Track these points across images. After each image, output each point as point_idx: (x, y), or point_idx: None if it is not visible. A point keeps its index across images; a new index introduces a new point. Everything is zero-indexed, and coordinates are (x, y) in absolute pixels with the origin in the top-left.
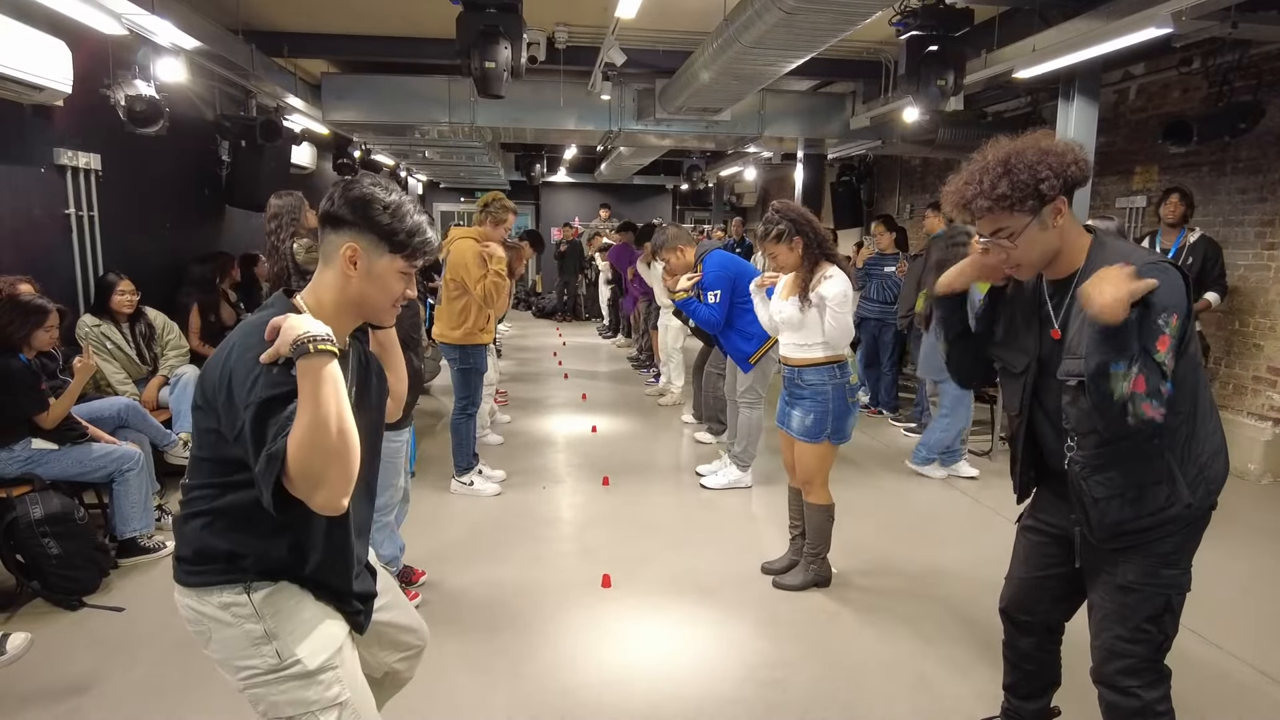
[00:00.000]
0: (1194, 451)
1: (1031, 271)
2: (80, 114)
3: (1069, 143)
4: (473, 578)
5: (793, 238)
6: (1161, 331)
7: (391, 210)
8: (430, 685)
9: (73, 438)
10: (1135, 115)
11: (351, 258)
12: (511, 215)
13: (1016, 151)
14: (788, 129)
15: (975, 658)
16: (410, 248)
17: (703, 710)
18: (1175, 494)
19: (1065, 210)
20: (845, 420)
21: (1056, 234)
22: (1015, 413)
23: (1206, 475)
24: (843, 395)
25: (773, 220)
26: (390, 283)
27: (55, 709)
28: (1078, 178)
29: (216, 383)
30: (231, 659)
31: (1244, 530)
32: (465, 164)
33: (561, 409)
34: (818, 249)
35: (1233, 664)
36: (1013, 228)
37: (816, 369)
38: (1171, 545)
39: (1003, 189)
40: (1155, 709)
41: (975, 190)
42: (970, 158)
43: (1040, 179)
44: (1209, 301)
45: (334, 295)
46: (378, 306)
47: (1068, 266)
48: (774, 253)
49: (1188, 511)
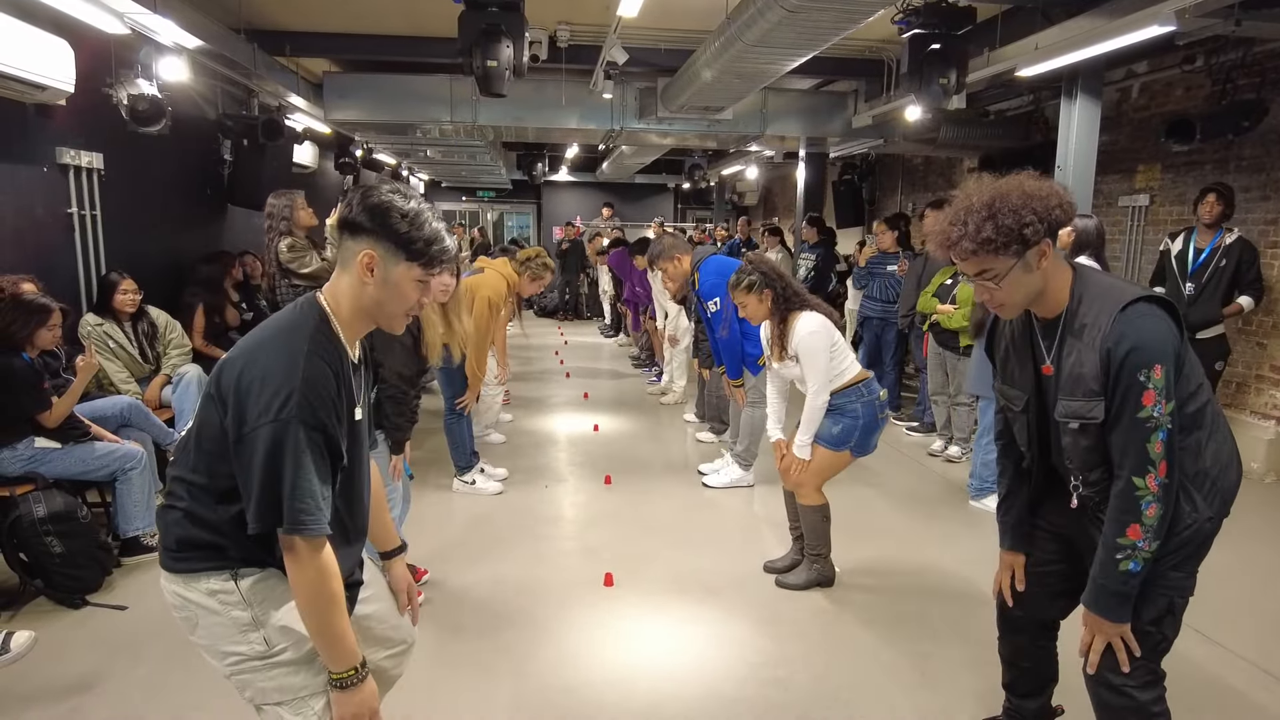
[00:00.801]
0: (1202, 466)
1: (1016, 311)
2: (83, 113)
3: (1053, 184)
4: (475, 576)
5: (762, 290)
6: (1145, 388)
7: (410, 218)
8: (432, 683)
9: (75, 436)
10: (1138, 114)
11: (369, 264)
12: (549, 274)
13: (1001, 194)
14: (790, 128)
15: (977, 657)
16: (427, 256)
17: (705, 709)
18: (1195, 510)
19: (1049, 252)
20: (871, 435)
21: (1040, 275)
22: (1026, 447)
23: (1220, 487)
24: (873, 411)
25: (745, 271)
26: (406, 290)
27: (58, 708)
28: (1062, 220)
29: (238, 378)
30: (218, 645)
31: (1247, 529)
32: (467, 163)
33: (563, 408)
34: (784, 302)
35: (1235, 662)
36: (997, 270)
37: (843, 392)
38: (1181, 552)
39: (987, 233)
40: (1150, 709)
41: (960, 233)
42: (954, 195)
43: (1025, 224)
44: (1241, 305)
45: (350, 300)
46: (392, 313)
47: (1055, 305)
48: (743, 302)
49: (1209, 525)
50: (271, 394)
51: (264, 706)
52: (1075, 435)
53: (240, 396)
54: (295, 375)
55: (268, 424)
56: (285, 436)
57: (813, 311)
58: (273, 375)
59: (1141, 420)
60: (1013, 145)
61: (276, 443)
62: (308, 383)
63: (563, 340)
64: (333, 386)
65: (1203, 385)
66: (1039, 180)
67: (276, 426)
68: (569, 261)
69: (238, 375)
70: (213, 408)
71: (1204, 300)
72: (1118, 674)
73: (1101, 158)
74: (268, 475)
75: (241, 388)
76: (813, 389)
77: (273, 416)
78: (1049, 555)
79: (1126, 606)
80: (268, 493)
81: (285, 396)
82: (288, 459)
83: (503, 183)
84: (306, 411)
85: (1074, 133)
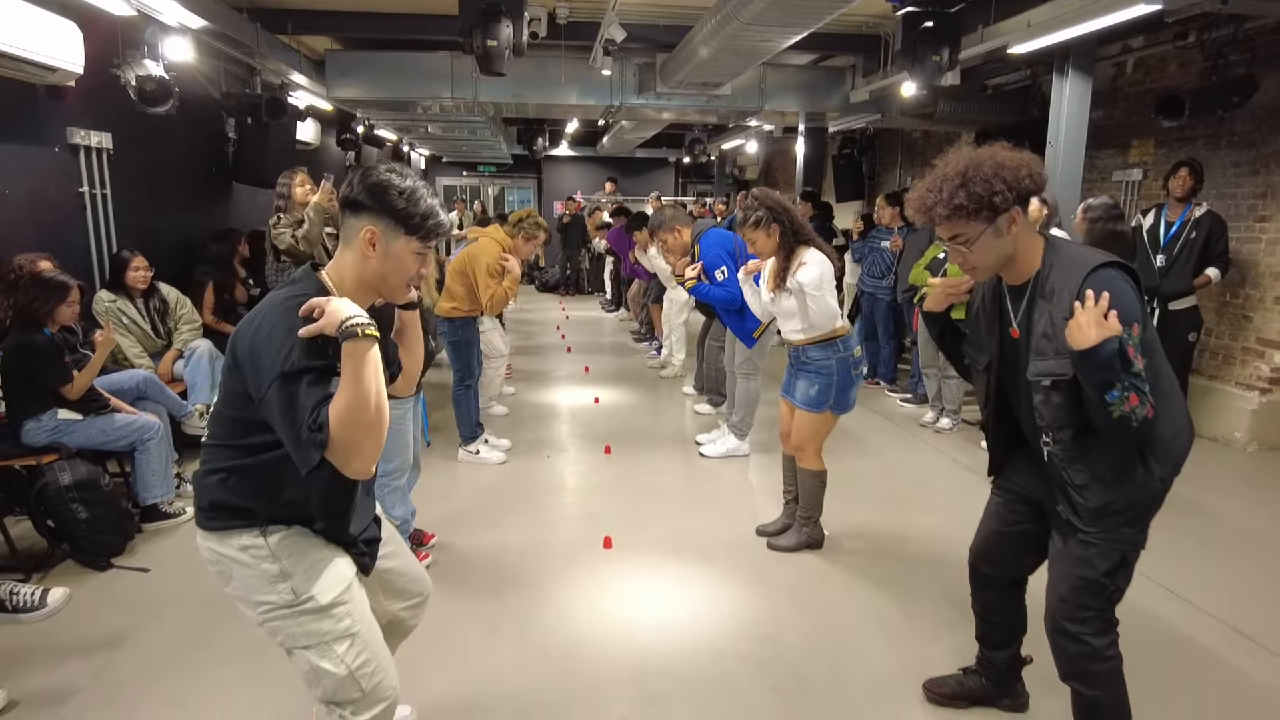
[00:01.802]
0: (1160, 431)
1: (987, 274)
2: (91, 94)
3: (1024, 155)
4: (480, 541)
5: (770, 225)
6: (1128, 344)
7: (407, 195)
8: (441, 639)
9: (96, 408)
10: (1133, 89)
11: (370, 239)
12: (543, 234)
13: (974, 164)
14: (788, 103)
15: (957, 615)
16: (424, 229)
17: (697, 662)
18: (1149, 471)
19: (1019, 219)
20: (848, 392)
21: (1011, 240)
22: (984, 404)
23: (1173, 451)
24: (847, 368)
25: (751, 207)
26: (406, 262)
27: (92, 660)
28: (1031, 189)
29: (250, 347)
30: (250, 595)
31: (1228, 496)
32: (468, 138)
33: (565, 381)
34: (793, 236)
35: (1204, 620)
36: (969, 234)
37: (819, 346)
38: (1135, 509)
39: (959, 200)
40: (1104, 654)
41: (935, 199)
42: (934, 164)
43: (994, 192)
44: (1209, 277)
45: (354, 274)
46: (394, 284)
47: (1025, 270)
48: (752, 238)
49: (1161, 486)
50: (274, 353)
51: (294, 650)
52: (1047, 393)
53: (253, 362)
54: (291, 333)
55: (276, 379)
56: (293, 385)
57: (816, 250)
58: (274, 337)
59: (1135, 374)
60: (1009, 120)
61: (288, 394)
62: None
63: (564, 315)
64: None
65: (1158, 352)
66: (1012, 151)
67: (283, 380)
68: (570, 236)
69: (249, 344)
70: (232, 377)
71: (1175, 272)
72: (1075, 623)
73: (1097, 132)
74: (291, 423)
75: (253, 354)
76: (800, 326)
77: (278, 372)
78: (1018, 516)
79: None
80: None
81: (287, 352)
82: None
83: (503, 158)
84: (302, 360)
85: (1065, 108)
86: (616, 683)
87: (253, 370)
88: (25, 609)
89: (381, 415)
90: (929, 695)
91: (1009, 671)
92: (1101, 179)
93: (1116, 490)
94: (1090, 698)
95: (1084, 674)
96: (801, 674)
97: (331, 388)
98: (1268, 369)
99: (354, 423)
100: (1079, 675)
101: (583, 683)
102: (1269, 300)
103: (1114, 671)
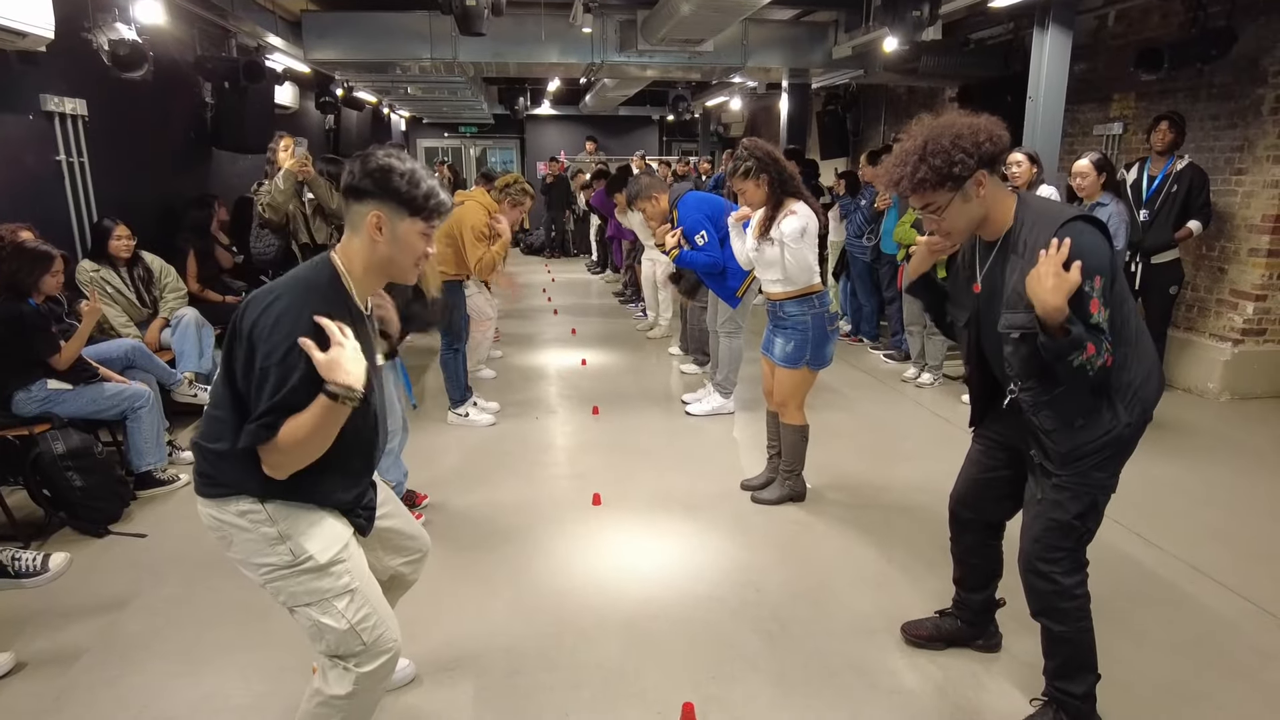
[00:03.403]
0: (1126, 378)
1: (962, 237)
2: (64, 60)
3: (982, 120)
4: (472, 500)
5: (759, 175)
6: (1091, 297)
7: (408, 178)
8: (436, 595)
9: (85, 378)
10: (1115, 41)
11: (377, 224)
12: (530, 200)
13: (932, 137)
14: (771, 59)
15: (934, 561)
16: (428, 210)
17: (683, 607)
18: (1115, 416)
19: (986, 182)
20: (824, 348)
21: (981, 204)
22: (967, 360)
23: (1141, 396)
24: (822, 324)
25: (741, 158)
26: (413, 242)
27: (99, 620)
28: (992, 152)
29: (256, 324)
30: (251, 558)
31: (1199, 445)
32: (448, 99)
33: (552, 344)
34: (781, 187)
35: (1171, 561)
36: (938, 203)
37: (796, 301)
38: (1106, 454)
39: (921, 173)
40: (1073, 592)
41: (900, 173)
42: (899, 138)
43: (954, 162)
44: (1191, 229)
45: (363, 259)
46: (403, 265)
47: (999, 229)
48: (742, 189)
49: (1128, 430)
50: (281, 338)
51: (296, 609)
52: (1015, 344)
53: (257, 337)
54: (301, 327)
55: (276, 364)
56: (290, 376)
57: (804, 203)
58: (284, 322)
59: (1095, 327)
60: (992, 74)
61: (278, 380)
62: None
63: (550, 278)
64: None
65: (1127, 301)
66: (970, 117)
67: (283, 369)
68: (554, 198)
69: (256, 318)
70: (235, 347)
71: (1158, 226)
72: (1046, 563)
73: (1078, 86)
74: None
75: (258, 329)
76: (778, 276)
77: (279, 359)
78: (996, 463)
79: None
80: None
81: (292, 344)
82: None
83: (485, 118)
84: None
85: (1046, 62)
86: (606, 630)
87: (254, 343)
88: (28, 574)
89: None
90: (907, 637)
91: (984, 613)
92: (1083, 133)
93: (1084, 434)
94: (1058, 633)
95: (1053, 611)
96: (784, 617)
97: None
98: (1240, 320)
99: (295, 452)
100: (1049, 612)
101: (573, 632)
102: (1244, 253)
103: (1082, 609)
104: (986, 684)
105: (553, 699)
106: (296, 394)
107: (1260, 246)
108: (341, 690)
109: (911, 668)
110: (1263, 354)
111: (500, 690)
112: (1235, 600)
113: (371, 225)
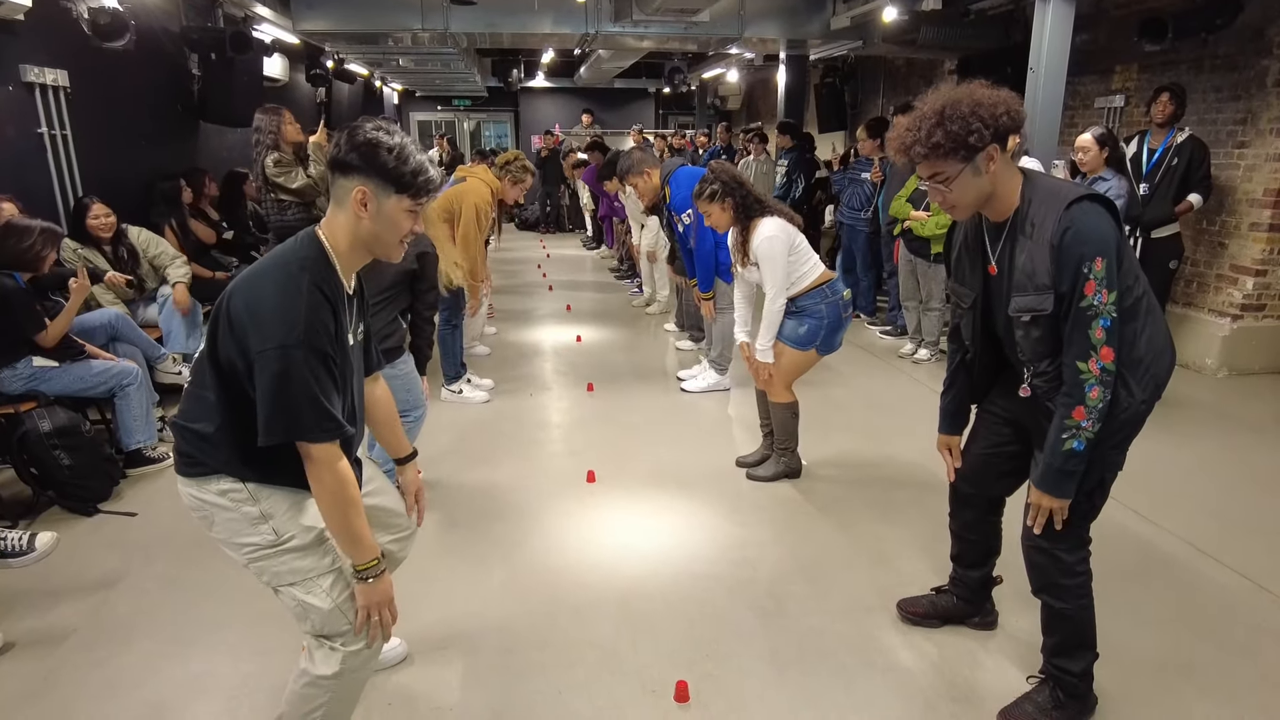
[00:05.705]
0: (1138, 354)
1: (967, 212)
2: (44, 29)
3: (1002, 93)
4: (467, 477)
5: (724, 199)
6: (1087, 279)
7: (396, 153)
8: (428, 573)
9: (72, 355)
10: (1118, 11)
11: (362, 200)
12: (530, 177)
13: (952, 102)
14: (768, 29)
15: (930, 538)
16: (415, 187)
17: (678, 583)
18: (1131, 395)
19: (998, 157)
20: (836, 334)
21: (990, 178)
22: (970, 341)
23: (1154, 373)
24: (837, 311)
25: (708, 180)
26: (399, 220)
27: (87, 600)
28: (1009, 127)
29: (247, 303)
30: (233, 538)
31: (1196, 421)
32: (441, 71)
33: (547, 320)
34: (745, 209)
35: (1167, 537)
36: (948, 173)
37: (808, 295)
38: (1123, 434)
39: (937, 138)
40: (1075, 569)
41: (913, 138)
42: (915, 104)
43: (971, 130)
44: (1191, 203)
45: (348, 235)
46: (388, 243)
47: (1005, 208)
48: (708, 211)
49: (1143, 408)
50: (278, 321)
51: (280, 589)
52: (1027, 328)
53: (248, 321)
54: (299, 305)
55: (274, 349)
56: (292, 362)
57: (773, 217)
58: (278, 303)
59: (1084, 309)
60: (992, 46)
61: (284, 366)
62: (312, 310)
63: (545, 253)
64: (329, 315)
65: (1139, 278)
66: (990, 89)
67: (284, 352)
68: (549, 172)
69: (245, 301)
70: (221, 331)
71: (1158, 199)
72: (1050, 539)
73: (1080, 58)
74: (276, 395)
75: (249, 313)
76: (770, 293)
77: (278, 342)
78: (1000, 438)
79: (1070, 484)
80: (273, 410)
81: (291, 324)
82: (296, 380)
83: (478, 90)
84: (311, 337)
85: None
86: (600, 608)
87: (246, 329)
88: (14, 554)
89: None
90: (903, 615)
91: (981, 590)
92: (1084, 106)
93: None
94: (1059, 609)
95: (1055, 588)
96: (779, 594)
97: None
98: (1240, 295)
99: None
100: (1050, 589)
101: (567, 610)
102: (1244, 227)
103: (1083, 586)
104: (983, 661)
105: (546, 677)
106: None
107: (1261, 221)
108: (329, 670)
109: (907, 645)
110: (1262, 329)
111: (493, 669)
112: (1232, 576)
113: (356, 201)
